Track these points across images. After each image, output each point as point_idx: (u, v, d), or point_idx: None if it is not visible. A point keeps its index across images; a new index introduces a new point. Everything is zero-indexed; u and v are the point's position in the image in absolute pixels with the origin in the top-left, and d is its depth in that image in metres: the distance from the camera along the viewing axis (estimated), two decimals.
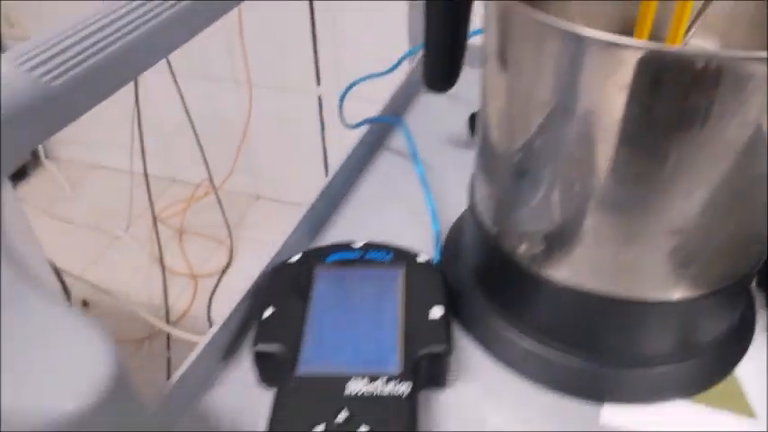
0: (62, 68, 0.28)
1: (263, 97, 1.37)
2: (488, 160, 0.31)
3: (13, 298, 0.23)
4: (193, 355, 0.31)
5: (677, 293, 0.28)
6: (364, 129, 0.48)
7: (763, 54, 0.20)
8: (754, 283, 0.36)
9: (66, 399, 0.21)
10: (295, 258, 0.35)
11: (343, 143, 0.46)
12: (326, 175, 0.43)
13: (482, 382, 0.32)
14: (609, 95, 0.23)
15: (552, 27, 0.23)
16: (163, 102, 1.30)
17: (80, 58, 0.28)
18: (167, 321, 1.23)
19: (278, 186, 1.52)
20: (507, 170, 0.30)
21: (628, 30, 0.30)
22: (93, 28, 0.29)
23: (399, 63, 0.53)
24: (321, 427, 0.27)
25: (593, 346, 0.31)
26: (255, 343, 0.31)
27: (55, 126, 0.28)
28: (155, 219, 1.25)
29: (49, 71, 0.27)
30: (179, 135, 1.32)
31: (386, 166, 0.48)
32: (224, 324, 0.33)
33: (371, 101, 0.50)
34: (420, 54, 0.56)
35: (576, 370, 0.31)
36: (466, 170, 0.36)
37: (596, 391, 0.31)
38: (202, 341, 0.32)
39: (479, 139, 0.32)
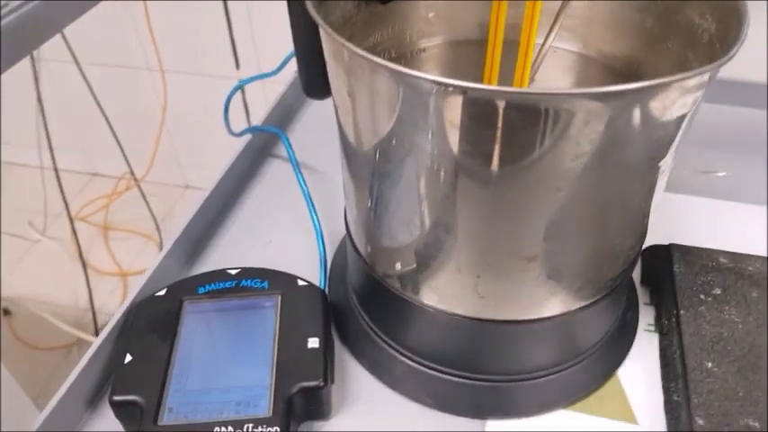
0: None
1: (178, 83, 1.31)
2: (353, 194, 0.30)
3: None
4: (52, 404, 0.29)
5: (548, 311, 0.28)
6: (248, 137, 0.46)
7: (573, 90, 0.18)
8: (638, 282, 0.36)
9: None
10: (162, 292, 0.33)
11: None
12: None
13: (369, 406, 0.31)
14: (441, 132, 0.21)
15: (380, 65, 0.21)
16: (72, 92, 1.23)
17: None
18: (95, 323, 1.19)
19: (207, 174, 1.47)
20: (369, 203, 0.28)
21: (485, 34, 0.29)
22: None
23: (284, 65, 0.50)
24: None
25: (470, 365, 0.30)
26: (112, 394, 0.29)
27: None
28: (70, 217, 1.19)
29: None
30: (93, 128, 1.25)
31: (273, 176, 0.46)
32: (83, 370, 0.30)
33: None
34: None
35: (455, 388, 0.30)
36: None
37: (477, 407, 0.30)
38: (61, 389, 0.30)
39: (342, 173, 0.30)
